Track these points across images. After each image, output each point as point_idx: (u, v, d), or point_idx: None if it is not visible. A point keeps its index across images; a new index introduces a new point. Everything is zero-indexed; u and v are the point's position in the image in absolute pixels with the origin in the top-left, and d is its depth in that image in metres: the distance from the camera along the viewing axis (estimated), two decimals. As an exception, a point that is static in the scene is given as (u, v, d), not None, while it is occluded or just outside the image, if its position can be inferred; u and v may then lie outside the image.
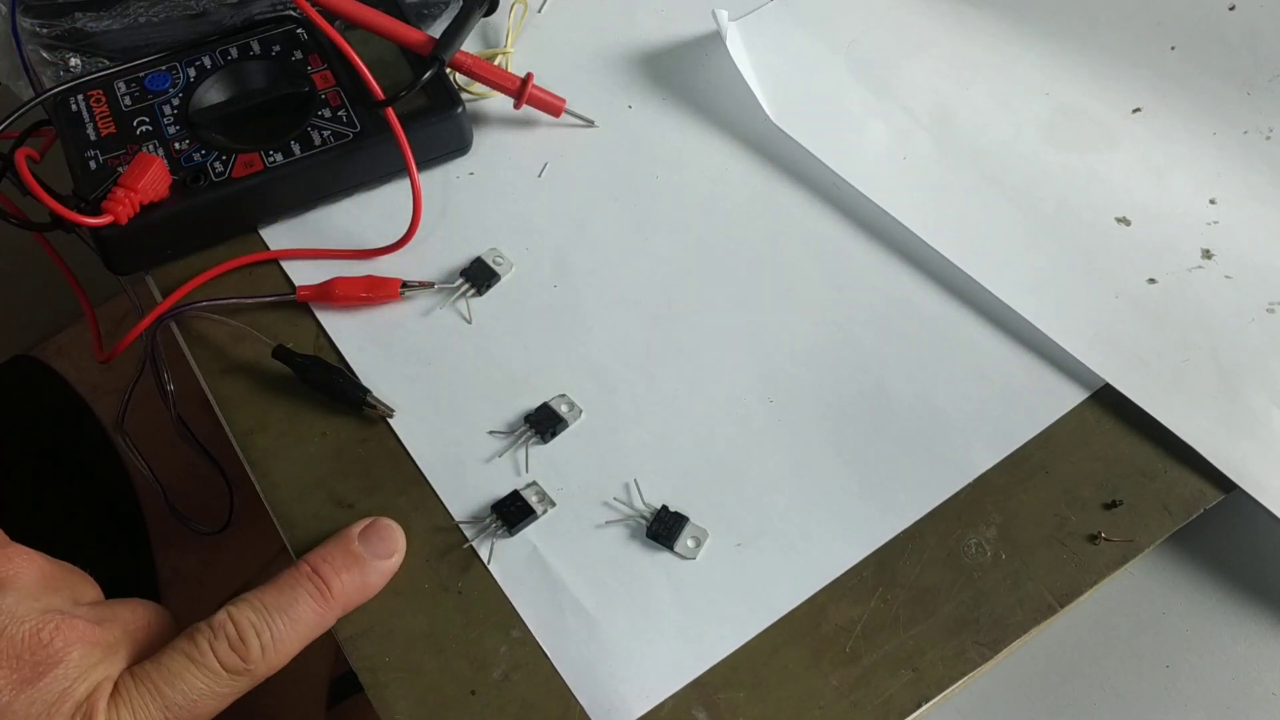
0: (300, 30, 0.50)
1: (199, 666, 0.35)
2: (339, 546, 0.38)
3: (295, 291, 0.45)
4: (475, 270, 0.46)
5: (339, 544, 0.38)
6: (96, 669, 0.34)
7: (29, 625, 0.34)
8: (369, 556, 0.38)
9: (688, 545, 0.39)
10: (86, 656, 0.34)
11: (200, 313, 0.45)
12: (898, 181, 0.48)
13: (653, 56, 0.53)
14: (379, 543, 0.39)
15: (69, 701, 0.33)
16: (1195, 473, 0.40)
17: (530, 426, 0.42)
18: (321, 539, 0.40)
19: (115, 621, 0.36)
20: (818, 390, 0.43)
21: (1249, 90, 0.50)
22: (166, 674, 0.34)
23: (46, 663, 0.33)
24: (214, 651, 0.35)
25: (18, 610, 0.34)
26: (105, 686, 0.34)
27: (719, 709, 0.36)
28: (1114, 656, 0.39)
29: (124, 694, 0.34)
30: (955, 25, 0.54)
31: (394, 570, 0.39)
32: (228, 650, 0.35)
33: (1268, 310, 0.44)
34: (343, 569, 0.38)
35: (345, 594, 0.37)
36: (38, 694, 0.33)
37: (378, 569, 0.38)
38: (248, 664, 0.35)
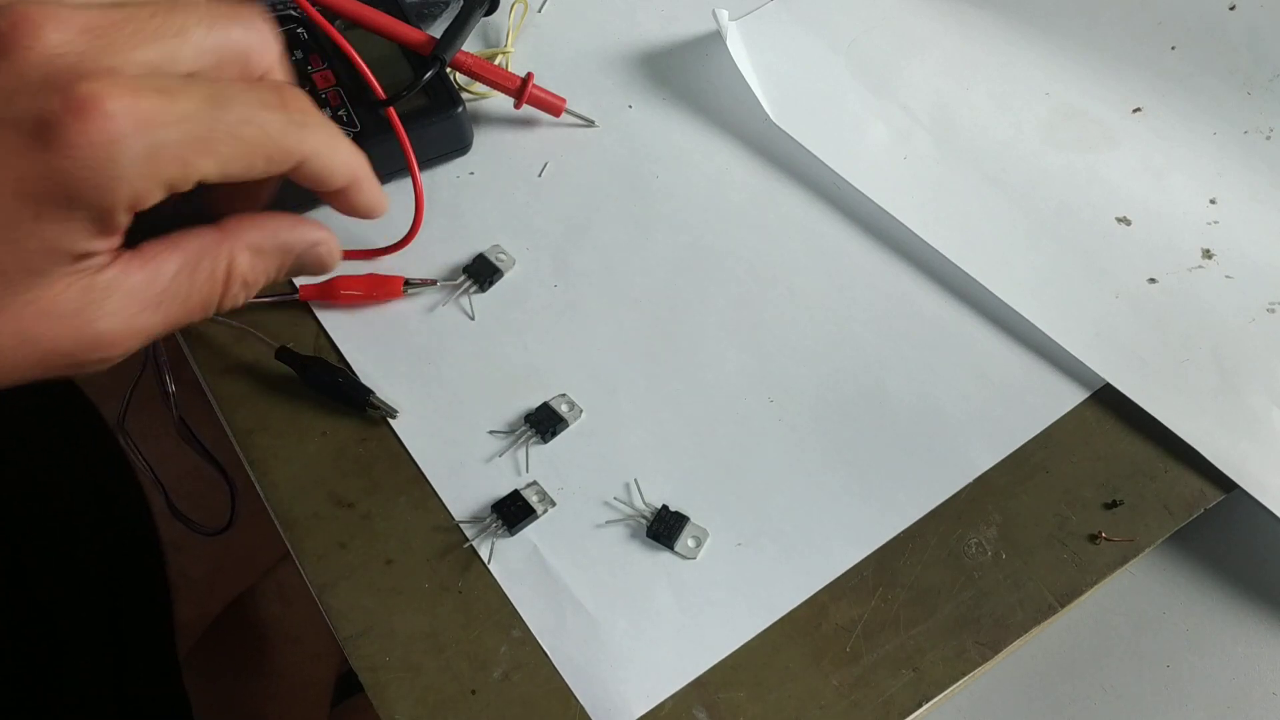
0: (300, 30, 0.50)
1: (248, 90, 0.31)
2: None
3: (297, 291, 0.45)
4: (478, 266, 0.46)
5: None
6: (79, 52, 0.30)
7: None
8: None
9: (688, 545, 0.39)
10: (62, 36, 0.29)
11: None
12: (898, 181, 0.48)
13: (653, 56, 0.53)
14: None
15: (51, 80, 0.29)
16: (1195, 473, 0.40)
17: (530, 426, 0.42)
18: (321, 539, 0.40)
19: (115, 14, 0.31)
20: (818, 390, 0.43)
21: (1249, 90, 0.50)
22: (209, 82, 0.31)
23: (6, 44, 0.29)
24: (268, 88, 0.31)
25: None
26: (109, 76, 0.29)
27: (719, 709, 0.36)
28: (1114, 656, 0.39)
29: (144, 81, 0.30)
30: (955, 25, 0.54)
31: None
32: (276, 93, 0.32)
33: (1268, 310, 0.44)
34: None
35: (364, 162, 0.35)
36: (6, 74, 0.29)
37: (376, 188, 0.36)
38: (296, 117, 0.32)
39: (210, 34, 0.32)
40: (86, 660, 0.55)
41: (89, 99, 0.28)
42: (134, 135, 0.29)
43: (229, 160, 0.31)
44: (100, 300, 0.31)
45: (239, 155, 0.32)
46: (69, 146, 0.28)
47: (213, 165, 0.31)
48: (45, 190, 0.29)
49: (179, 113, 0.30)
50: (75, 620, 0.56)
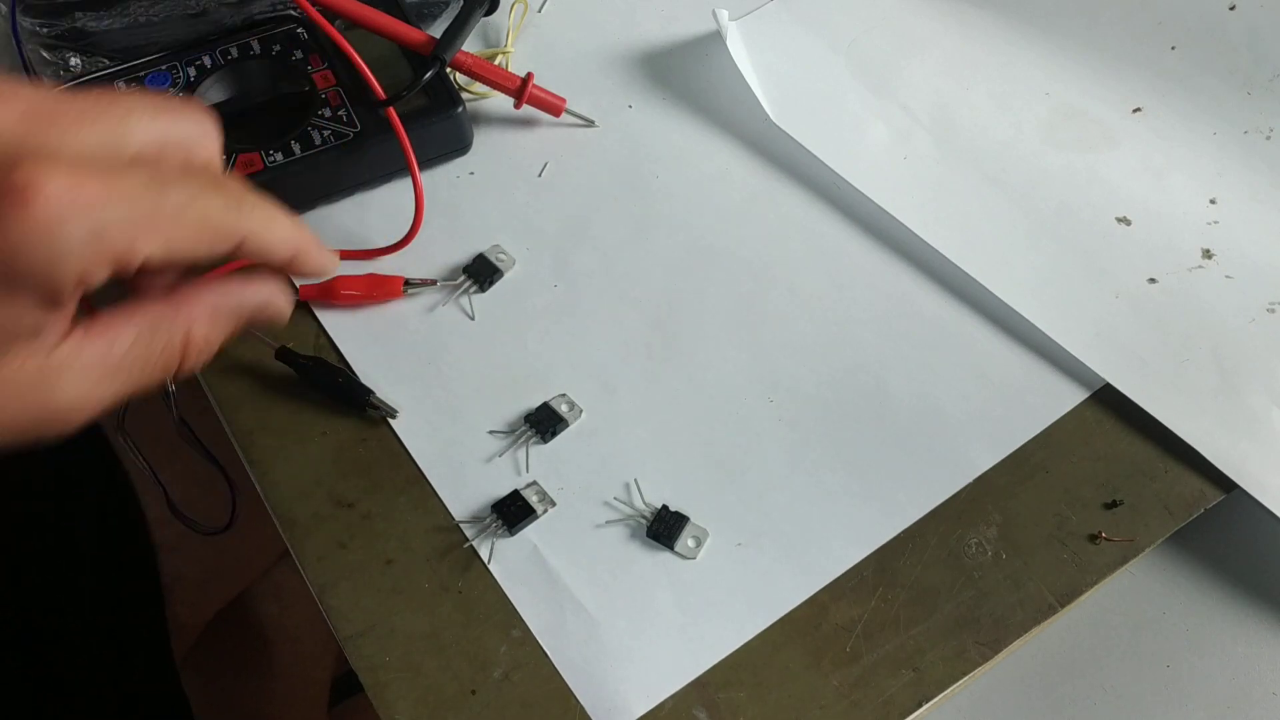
0: (300, 30, 0.50)
1: (187, 176, 0.32)
2: None
3: (297, 291, 0.45)
4: (478, 266, 0.46)
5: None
6: (17, 135, 0.30)
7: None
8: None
9: (688, 545, 0.39)
10: (7, 121, 0.30)
11: None
12: (898, 181, 0.48)
13: (653, 56, 0.53)
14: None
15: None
16: (1195, 473, 0.40)
17: (530, 426, 0.42)
18: (321, 539, 0.40)
19: (54, 99, 0.31)
20: (818, 390, 0.43)
21: (1249, 90, 0.50)
22: (148, 169, 0.31)
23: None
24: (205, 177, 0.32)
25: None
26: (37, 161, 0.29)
27: (719, 709, 0.36)
28: (1114, 656, 0.39)
29: (82, 163, 0.30)
30: (955, 25, 0.54)
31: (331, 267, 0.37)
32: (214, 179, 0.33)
33: (1268, 310, 0.44)
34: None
35: (305, 233, 0.36)
36: None
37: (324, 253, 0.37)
38: (237, 201, 0.33)
39: (154, 123, 0.33)
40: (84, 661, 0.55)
41: (27, 183, 0.28)
42: (75, 217, 0.29)
43: (172, 241, 0.32)
44: (56, 374, 0.32)
45: (182, 236, 0.32)
46: (8, 230, 0.28)
47: (157, 246, 0.31)
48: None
49: (120, 194, 0.30)
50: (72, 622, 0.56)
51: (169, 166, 0.33)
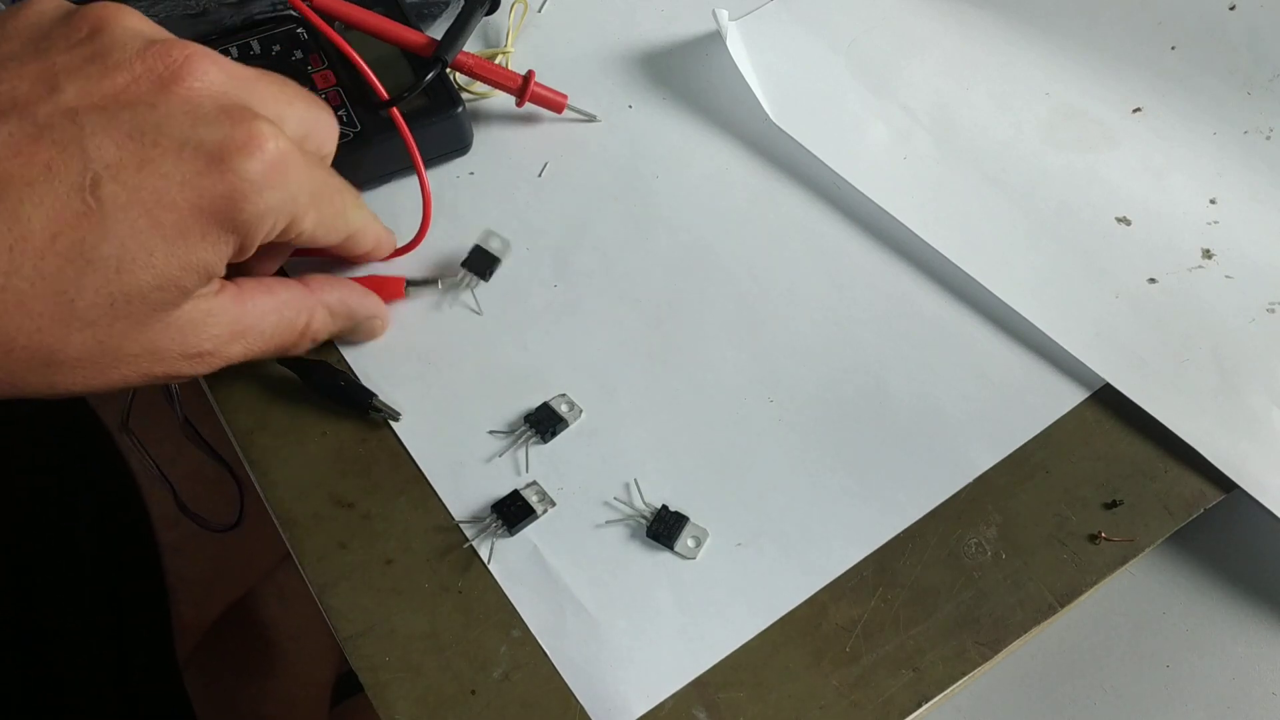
0: (300, 30, 0.50)
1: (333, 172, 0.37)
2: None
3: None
4: (475, 258, 0.46)
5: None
6: (238, 92, 0.33)
7: (145, 41, 0.32)
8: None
9: (688, 545, 0.39)
10: (221, 76, 0.32)
11: None
12: (898, 181, 0.48)
13: (653, 56, 0.53)
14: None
15: (229, 112, 0.32)
16: (1195, 473, 0.40)
17: (530, 426, 0.42)
18: (321, 539, 0.40)
19: (255, 73, 0.35)
20: (818, 390, 0.43)
21: (1249, 90, 0.50)
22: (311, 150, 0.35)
23: (178, 74, 0.31)
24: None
25: (130, 28, 0.32)
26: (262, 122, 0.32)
27: (719, 709, 0.36)
28: (1114, 656, 0.39)
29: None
30: (955, 25, 0.54)
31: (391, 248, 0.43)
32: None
33: (1268, 310, 0.44)
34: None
35: (379, 228, 0.42)
36: (184, 100, 0.31)
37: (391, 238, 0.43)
38: (359, 200, 0.39)
39: (308, 111, 0.36)
40: (86, 661, 0.55)
41: (261, 134, 0.32)
42: (287, 175, 0.32)
43: (322, 221, 0.35)
44: (209, 323, 0.34)
45: (328, 218, 0.36)
46: (243, 174, 0.31)
47: (313, 221, 0.35)
48: (215, 210, 0.31)
49: (310, 167, 0.34)
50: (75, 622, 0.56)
51: (317, 153, 0.37)
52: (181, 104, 0.31)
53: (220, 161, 0.31)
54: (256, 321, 0.36)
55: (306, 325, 0.39)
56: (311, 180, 0.34)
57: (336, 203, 0.36)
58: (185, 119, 0.31)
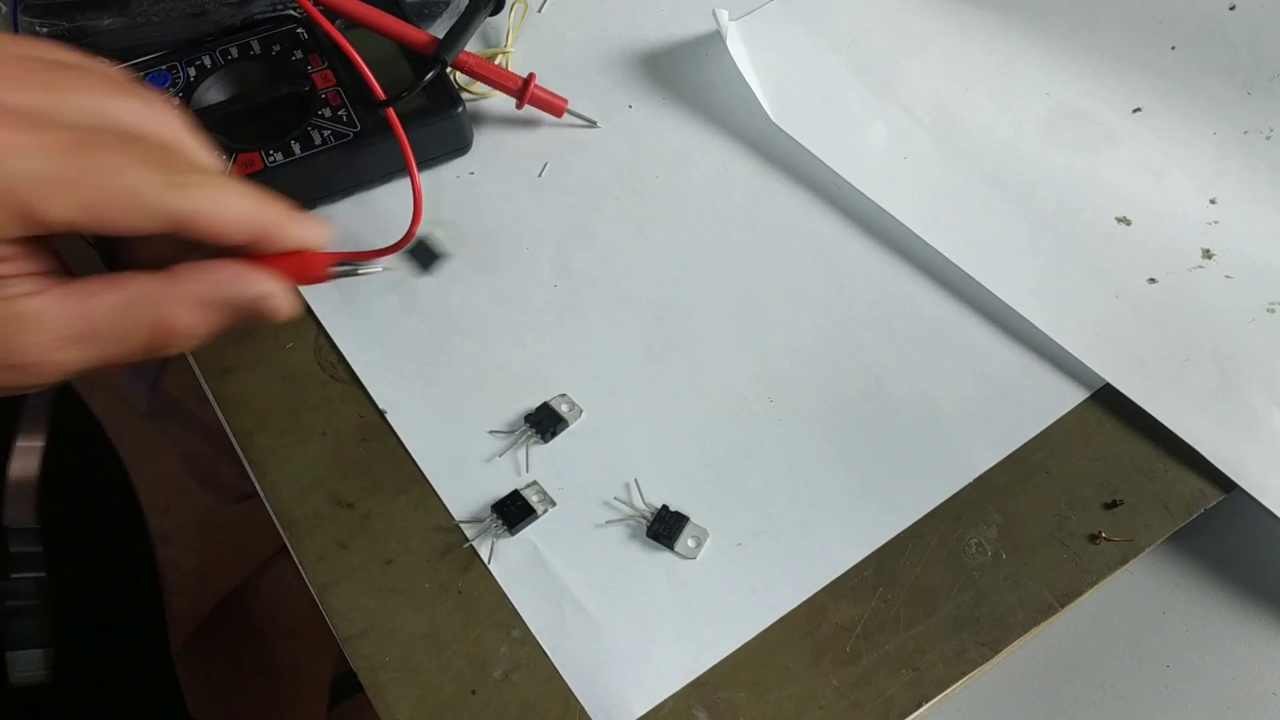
0: (300, 30, 0.50)
1: (122, 145, 0.31)
2: None
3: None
4: (418, 250, 0.45)
5: None
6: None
7: None
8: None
9: (688, 545, 0.39)
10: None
11: None
12: (898, 181, 0.48)
13: (653, 56, 0.53)
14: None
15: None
16: (1195, 473, 0.40)
17: (530, 426, 0.42)
18: (321, 539, 0.40)
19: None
20: (818, 390, 0.43)
21: (1249, 90, 0.50)
22: (85, 131, 0.30)
23: None
24: (143, 147, 0.31)
25: None
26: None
27: (719, 709, 0.36)
28: (1114, 656, 0.39)
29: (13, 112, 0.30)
30: (955, 25, 0.54)
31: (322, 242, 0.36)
32: (159, 151, 0.32)
33: (1268, 310, 0.44)
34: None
35: (281, 213, 0.35)
36: None
37: (310, 228, 0.36)
38: (174, 179, 0.32)
39: (95, 99, 0.32)
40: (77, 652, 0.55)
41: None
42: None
43: (91, 206, 0.31)
44: (22, 328, 0.31)
45: (102, 204, 0.31)
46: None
47: (69, 207, 0.30)
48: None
49: (36, 147, 0.30)
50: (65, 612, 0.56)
51: (106, 136, 0.32)
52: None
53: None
54: (98, 324, 0.32)
55: (169, 324, 0.34)
56: (50, 161, 0.30)
57: (116, 182, 0.31)
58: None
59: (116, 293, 0.33)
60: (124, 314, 0.33)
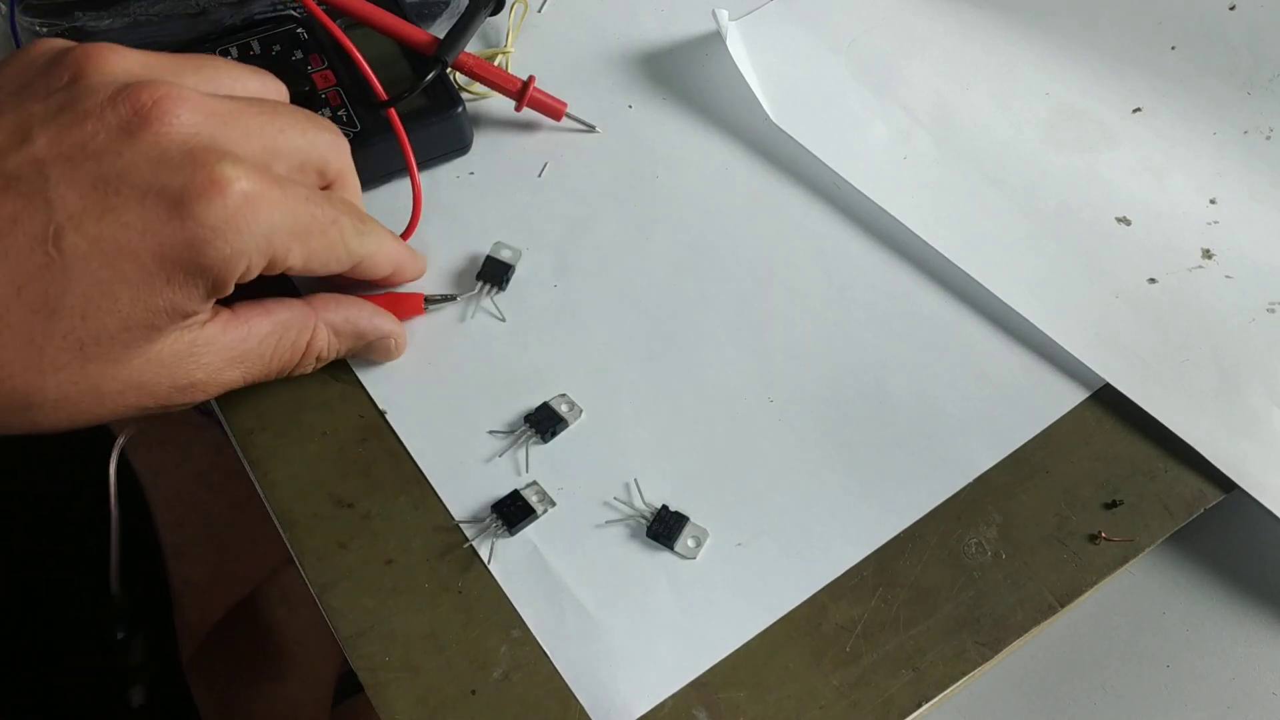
0: (300, 29, 0.50)
1: (332, 200, 0.37)
2: None
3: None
4: (489, 268, 0.45)
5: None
6: (212, 132, 0.32)
7: (121, 83, 0.32)
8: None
9: (688, 545, 0.39)
10: (195, 117, 0.32)
11: None
12: (898, 181, 0.48)
13: (653, 56, 0.53)
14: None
15: (194, 156, 0.31)
16: (1195, 473, 0.40)
17: (530, 426, 0.42)
18: (322, 539, 0.40)
19: (235, 106, 0.34)
20: (818, 390, 0.43)
21: (1249, 90, 0.50)
22: (307, 186, 0.35)
23: (146, 117, 0.31)
24: (341, 201, 0.37)
25: (111, 69, 0.32)
26: (231, 160, 0.32)
27: (719, 709, 0.36)
28: (1114, 656, 0.39)
29: (267, 170, 0.33)
30: (955, 25, 0.54)
31: (421, 273, 0.44)
32: (348, 205, 0.37)
33: (1268, 310, 0.44)
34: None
35: (406, 252, 0.43)
36: (149, 144, 0.31)
37: (419, 261, 0.44)
38: (364, 226, 0.38)
39: (303, 137, 0.36)
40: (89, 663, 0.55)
41: (224, 178, 0.31)
42: (256, 216, 0.32)
43: (314, 254, 0.35)
44: (198, 353, 0.34)
45: (320, 250, 0.35)
46: (205, 220, 0.31)
47: (300, 256, 0.35)
48: (180, 257, 0.31)
49: (290, 202, 0.33)
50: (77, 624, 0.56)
51: (316, 186, 0.37)
52: (148, 149, 0.31)
53: (180, 207, 0.31)
54: (253, 346, 0.36)
55: (309, 345, 0.39)
56: (293, 216, 0.34)
57: (331, 234, 0.36)
58: (149, 165, 0.31)
59: (269, 319, 0.37)
60: (274, 337, 0.37)
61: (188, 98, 0.32)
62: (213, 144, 0.32)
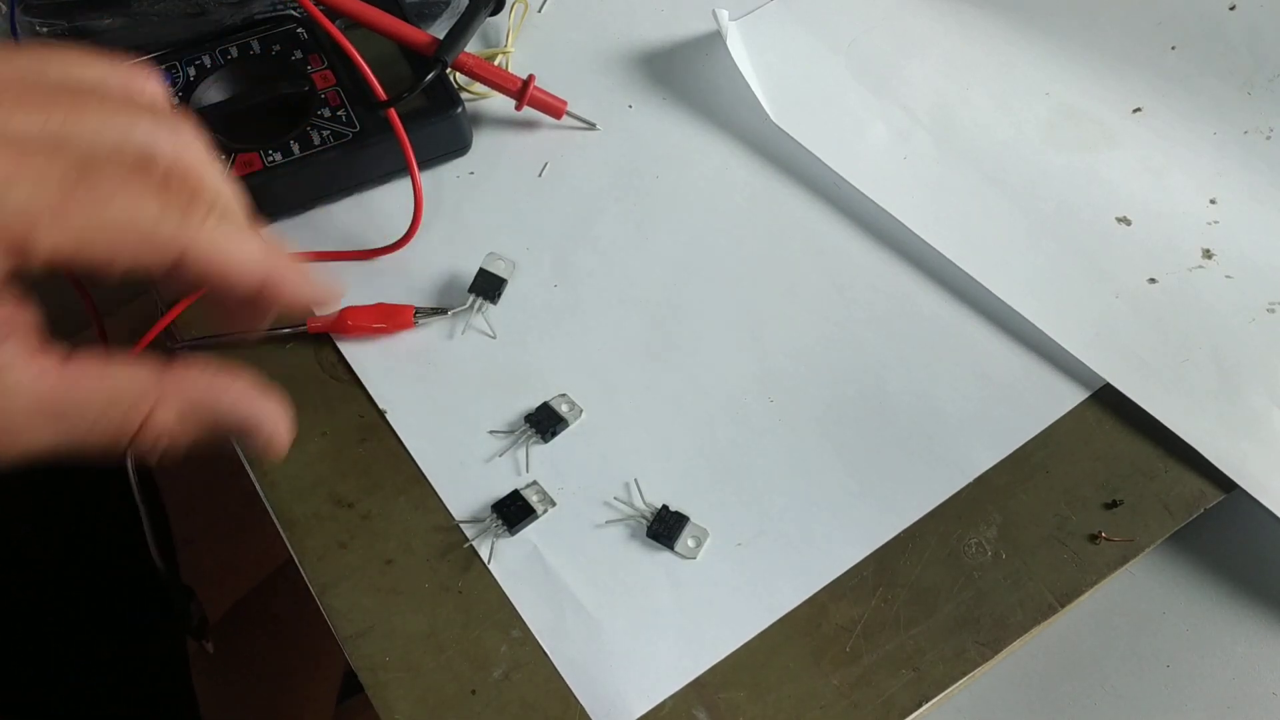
0: (300, 29, 0.50)
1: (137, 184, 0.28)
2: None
3: (305, 324, 0.44)
4: (482, 282, 0.45)
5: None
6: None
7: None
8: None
9: (688, 545, 0.39)
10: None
11: (212, 345, 0.44)
12: (898, 181, 0.48)
13: (653, 56, 0.53)
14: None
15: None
16: (1195, 473, 0.40)
17: (530, 426, 0.42)
18: (321, 539, 0.40)
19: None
20: (818, 390, 0.43)
21: (1249, 90, 0.50)
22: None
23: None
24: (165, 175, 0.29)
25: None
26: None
27: (719, 709, 0.36)
28: (1114, 656, 0.39)
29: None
30: (955, 25, 0.54)
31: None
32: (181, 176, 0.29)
33: (1268, 310, 0.44)
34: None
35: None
36: None
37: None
38: (198, 195, 0.29)
39: (110, 122, 0.29)
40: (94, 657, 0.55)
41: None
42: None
43: (87, 239, 0.28)
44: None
45: (101, 236, 0.28)
46: None
47: (64, 239, 0.28)
48: None
49: (30, 173, 0.27)
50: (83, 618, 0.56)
51: (113, 162, 0.29)
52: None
53: None
54: (75, 406, 0.29)
55: (145, 421, 0.31)
56: (50, 187, 0.27)
57: (119, 215, 0.28)
58: None
59: (104, 378, 0.30)
60: (104, 399, 0.30)
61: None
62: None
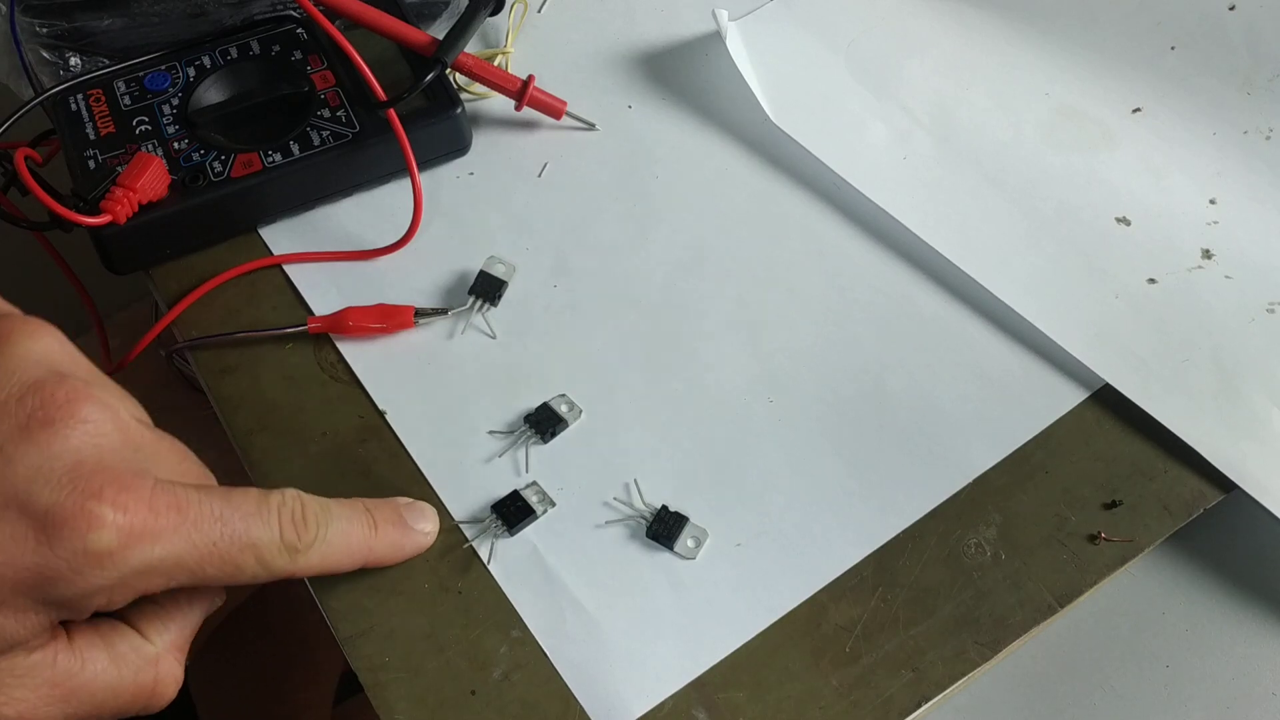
0: (300, 30, 0.50)
1: (259, 518, 0.31)
2: (387, 504, 0.38)
3: (306, 324, 0.44)
4: (482, 284, 0.45)
5: (387, 503, 0.38)
6: (114, 450, 0.28)
7: (38, 376, 0.28)
8: (410, 521, 0.38)
9: (688, 545, 0.39)
10: (103, 429, 0.28)
11: (212, 345, 0.45)
12: (898, 181, 0.48)
13: (653, 56, 0.53)
14: (419, 516, 0.39)
15: (77, 471, 0.27)
16: (1195, 473, 0.40)
17: (530, 426, 0.42)
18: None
19: (154, 436, 0.31)
20: (818, 390, 0.43)
21: (1249, 90, 0.50)
22: (225, 503, 0.30)
23: (51, 418, 0.27)
24: (278, 514, 0.31)
25: (29, 357, 0.28)
26: (130, 481, 0.28)
27: (719, 709, 0.36)
28: (1114, 656, 0.39)
29: (162, 494, 0.28)
30: (955, 25, 0.54)
31: (426, 545, 0.39)
32: (290, 521, 0.32)
33: (1268, 310, 0.44)
34: (388, 521, 0.37)
35: (385, 541, 0.37)
36: (40, 449, 0.27)
37: (414, 535, 0.38)
38: (299, 545, 0.32)
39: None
40: None
41: (98, 515, 0.27)
42: (128, 554, 0.27)
43: (210, 580, 0.30)
44: (12, 683, 0.29)
45: (222, 575, 0.31)
46: (61, 549, 0.27)
47: (190, 580, 0.30)
48: (21, 581, 0.27)
49: (182, 533, 0.29)
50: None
51: (241, 496, 0.31)
52: (39, 454, 0.27)
53: (43, 531, 0.27)
54: (85, 684, 0.30)
55: (155, 680, 0.32)
56: (183, 547, 0.29)
57: (238, 561, 0.31)
58: (31, 473, 0.27)
59: (108, 652, 0.31)
60: (112, 675, 0.31)
61: (107, 406, 0.28)
62: (102, 465, 0.28)
